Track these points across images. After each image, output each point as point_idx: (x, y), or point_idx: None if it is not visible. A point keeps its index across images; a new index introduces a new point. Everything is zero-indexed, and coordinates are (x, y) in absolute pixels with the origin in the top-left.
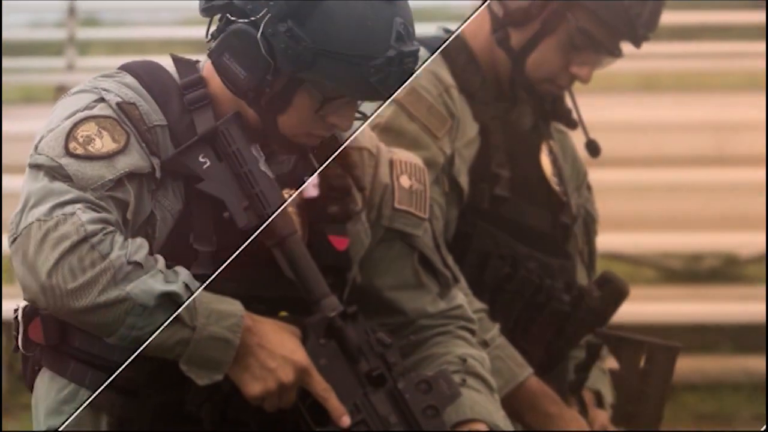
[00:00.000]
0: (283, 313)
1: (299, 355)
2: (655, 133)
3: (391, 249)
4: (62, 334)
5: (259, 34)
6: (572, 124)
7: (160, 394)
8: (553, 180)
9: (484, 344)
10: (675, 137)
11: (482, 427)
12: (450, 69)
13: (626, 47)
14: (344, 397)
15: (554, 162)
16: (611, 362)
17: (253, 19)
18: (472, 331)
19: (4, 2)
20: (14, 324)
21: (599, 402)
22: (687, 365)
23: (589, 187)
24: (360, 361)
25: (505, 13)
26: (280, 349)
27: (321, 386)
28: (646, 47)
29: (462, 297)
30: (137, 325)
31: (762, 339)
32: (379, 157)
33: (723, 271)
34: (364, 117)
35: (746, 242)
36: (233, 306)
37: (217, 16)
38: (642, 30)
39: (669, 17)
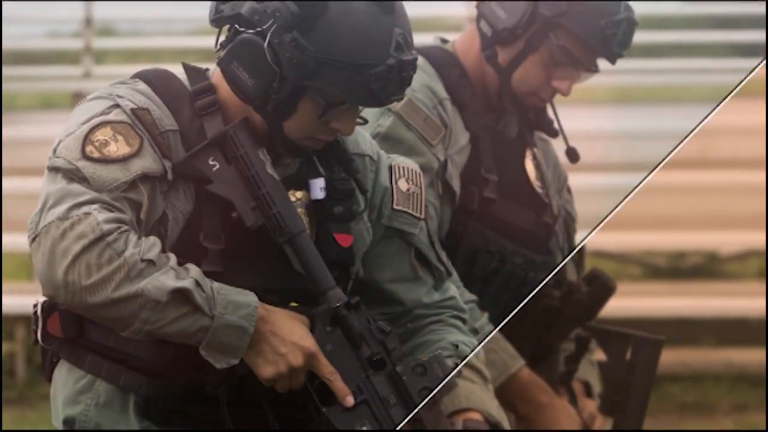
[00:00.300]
0: (293, 304)
1: (308, 341)
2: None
3: (391, 246)
4: (79, 328)
5: (265, 44)
6: (553, 133)
7: (182, 377)
8: (536, 183)
9: (474, 332)
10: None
11: (477, 416)
12: (444, 83)
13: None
14: (348, 380)
15: (537, 167)
16: (599, 354)
17: (259, 29)
18: (463, 320)
19: (23, 13)
20: (33, 318)
21: (588, 392)
22: (671, 357)
23: (569, 190)
24: (362, 347)
25: (493, 32)
26: (291, 336)
27: (327, 369)
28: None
29: (454, 289)
30: (150, 320)
31: (742, 332)
32: (379, 163)
33: (705, 267)
34: (365, 122)
35: (727, 240)
36: (248, 297)
37: (226, 27)
38: (616, 48)
39: (642, 36)
